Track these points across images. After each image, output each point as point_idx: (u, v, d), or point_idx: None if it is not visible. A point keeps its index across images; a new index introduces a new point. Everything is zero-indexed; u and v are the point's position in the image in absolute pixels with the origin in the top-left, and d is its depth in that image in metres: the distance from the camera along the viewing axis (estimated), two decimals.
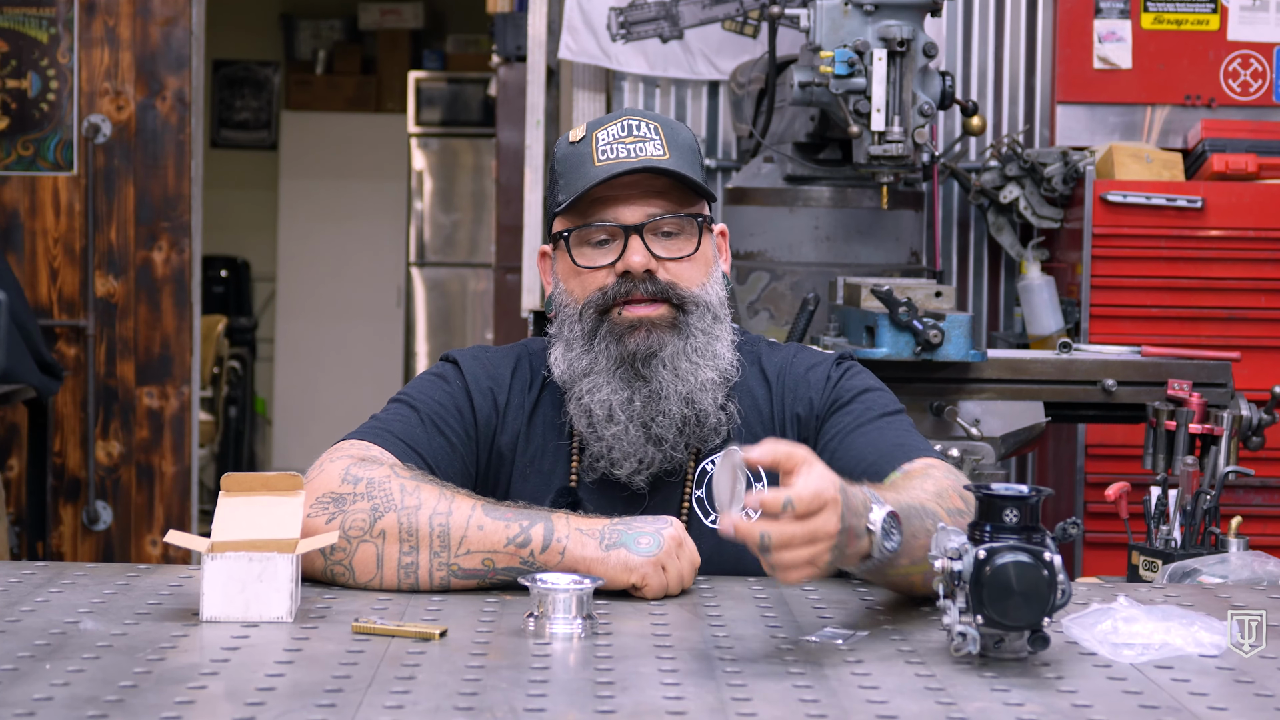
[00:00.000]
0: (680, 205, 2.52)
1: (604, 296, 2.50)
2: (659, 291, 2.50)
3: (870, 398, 2.55)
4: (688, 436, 2.52)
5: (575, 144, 2.54)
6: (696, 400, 2.50)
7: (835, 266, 4.66)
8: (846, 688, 1.84)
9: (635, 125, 2.52)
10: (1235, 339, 4.84)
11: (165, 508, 6.03)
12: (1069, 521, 2.11)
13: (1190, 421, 3.50)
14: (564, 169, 2.54)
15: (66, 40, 5.92)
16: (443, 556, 2.27)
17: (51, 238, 5.94)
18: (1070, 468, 5.13)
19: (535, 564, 2.24)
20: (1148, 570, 3.22)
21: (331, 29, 11.17)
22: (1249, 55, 5.30)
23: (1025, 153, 5.22)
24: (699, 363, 2.50)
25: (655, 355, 2.48)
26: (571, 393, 2.53)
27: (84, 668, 1.86)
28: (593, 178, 2.49)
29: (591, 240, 2.52)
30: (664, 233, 2.51)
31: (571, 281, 2.54)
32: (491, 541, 2.26)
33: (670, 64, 5.63)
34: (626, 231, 2.49)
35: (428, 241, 10.89)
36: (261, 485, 2.22)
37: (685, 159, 2.52)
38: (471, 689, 1.79)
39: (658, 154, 2.49)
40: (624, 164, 2.48)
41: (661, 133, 2.52)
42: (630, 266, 2.48)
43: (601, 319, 2.51)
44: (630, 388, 2.49)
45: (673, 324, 2.50)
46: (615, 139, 2.51)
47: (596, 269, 2.51)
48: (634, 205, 2.50)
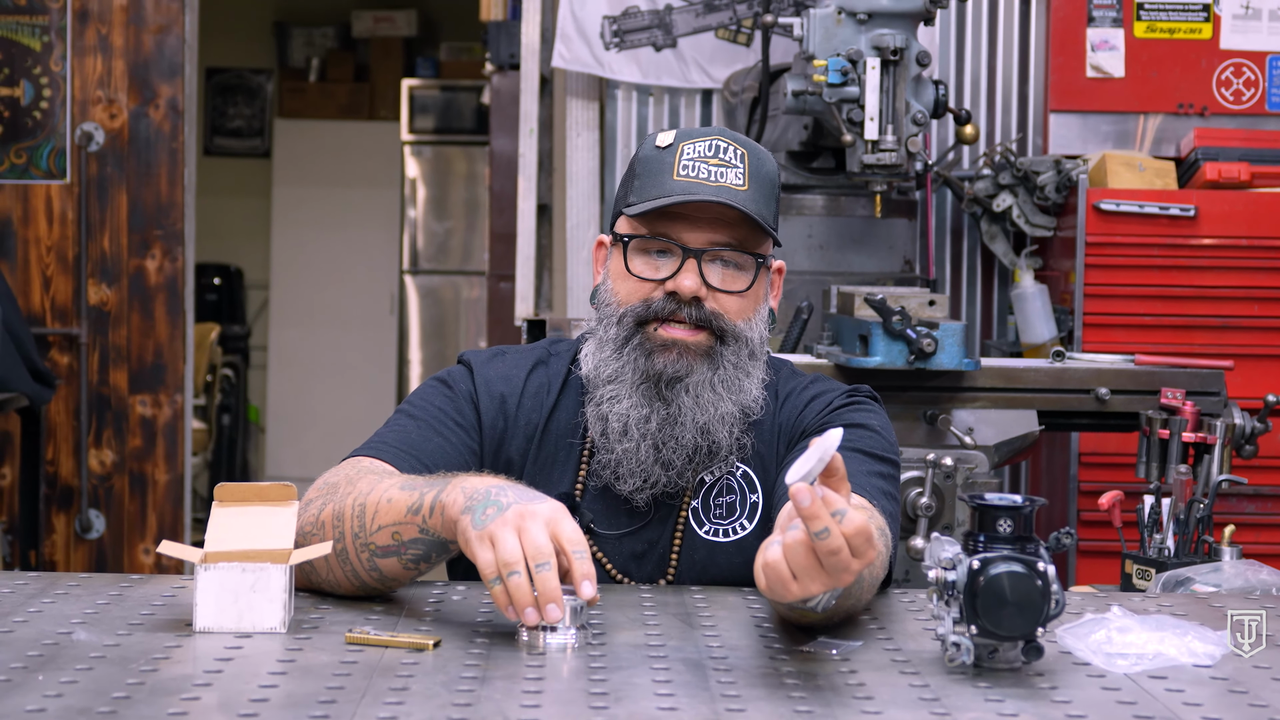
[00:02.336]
0: (745, 241, 2.49)
1: (646, 309, 2.49)
2: (702, 319, 2.48)
3: (859, 434, 2.49)
4: (696, 465, 2.51)
5: (661, 149, 2.51)
6: (712, 431, 2.48)
7: (829, 275, 4.66)
8: (841, 698, 1.84)
9: (723, 148, 2.49)
10: (1228, 347, 4.84)
11: (158, 516, 6.02)
12: (1063, 531, 2.11)
13: (1183, 430, 3.50)
14: (643, 170, 2.52)
15: (59, 48, 5.91)
16: (362, 537, 2.23)
17: (44, 246, 5.93)
18: (1064, 476, 5.13)
19: (428, 529, 2.17)
20: (1141, 579, 3.22)
21: (325, 36, 11.17)
22: (1241, 64, 5.31)
23: (1018, 161, 5.22)
24: (722, 394, 2.48)
25: (680, 380, 2.46)
26: (591, 395, 2.52)
27: (77, 678, 1.86)
28: (670, 191, 2.46)
29: (650, 250, 2.50)
30: (723, 262, 2.49)
31: (619, 283, 2.52)
32: (395, 513, 2.20)
33: (663, 72, 5.64)
34: (686, 253, 2.47)
35: (421, 249, 10.89)
36: (255, 496, 2.22)
37: (763, 192, 2.49)
38: (465, 699, 1.79)
39: (737, 183, 2.47)
40: (702, 187, 2.45)
41: (747, 161, 2.49)
42: (680, 289, 2.46)
43: (637, 330, 2.49)
44: (650, 406, 2.47)
45: (707, 352, 2.48)
46: (700, 156, 2.47)
47: (647, 280, 2.49)
48: (701, 230, 2.48)
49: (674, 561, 2.51)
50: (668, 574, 2.51)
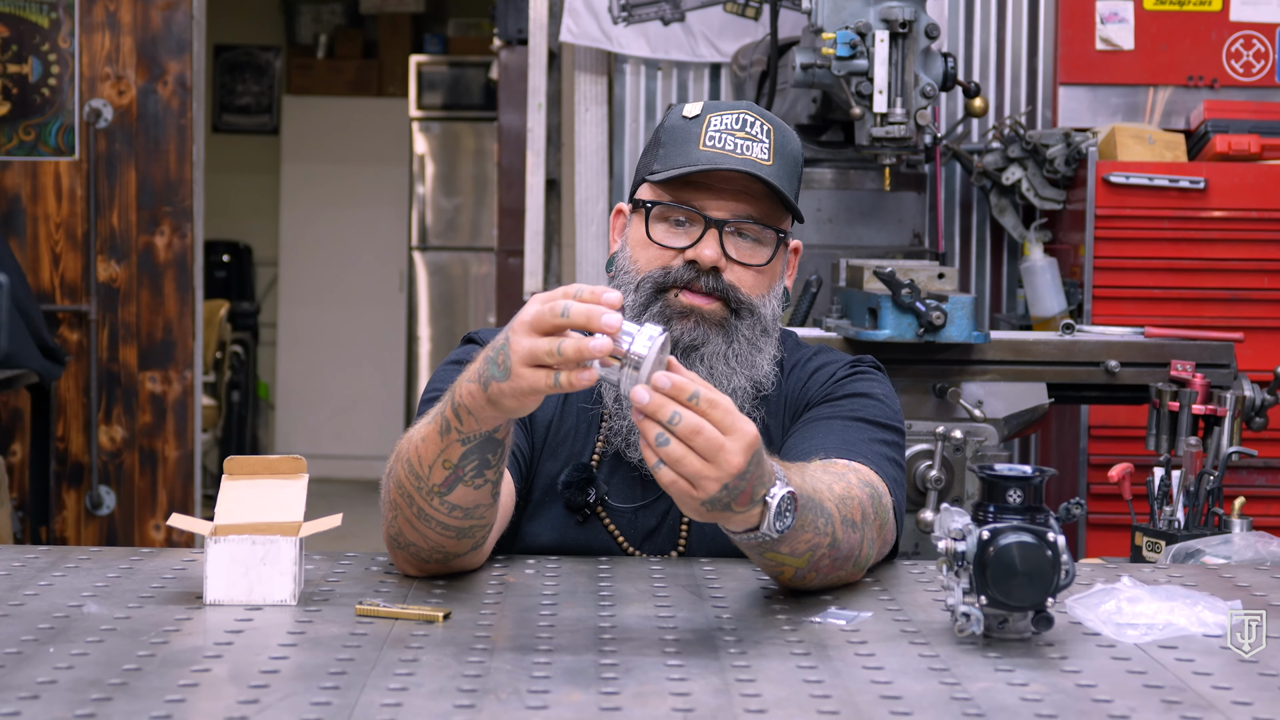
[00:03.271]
0: (767, 215, 2.50)
1: (665, 276, 2.49)
2: (719, 289, 2.48)
3: (862, 402, 2.50)
4: None
5: (688, 119, 2.51)
6: None
7: (838, 248, 4.66)
8: (851, 669, 1.84)
9: (750, 122, 2.50)
10: (1238, 320, 4.84)
11: (168, 492, 6.03)
12: (1072, 502, 2.11)
13: (1193, 402, 3.50)
14: (668, 139, 2.53)
15: (67, 25, 5.91)
16: (423, 487, 2.16)
17: (53, 223, 5.93)
18: (1073, 449, 5.13)
19: (465, 434, 2.09)
20: (1151, 551, 3.22)
21: (332, 13, 11.16)
22: (1251, 36, 5.30)
23: (1027, 134, 5.22)
24: (735, 368, 2.48)
25: (696, 349, 2.46)
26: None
27: (88, 651, 1.86)
28: (695, 161, 2.47)
29: (671, 218, 2.51)
30: (743, 235, 2.50)
31: (639, 250, 2.52)
32: (433, 445, 2.12)
33: (672, 46, 5.63)
34: (708, 223, 2.48)
35: (430, 225, 10.88)
36: (265, 468, 2.22)
37: (787, 170, 2.50)
38: (475, 671, 1.79)
39: (763, 158, 2.47)
40: (728, 158, 2.46)
41: (773, 136, 2.50)
42: (700, 259, 2.47)
43: (656, 297, 2.49)
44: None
45: (721, 323, 2.48)
46: (728, 129, 2.48)
47: (667, 248, 2.50)
48: (724, 201, 2.48)
49: (684, 533, 2.51)
50: (679, 545, 2.51)
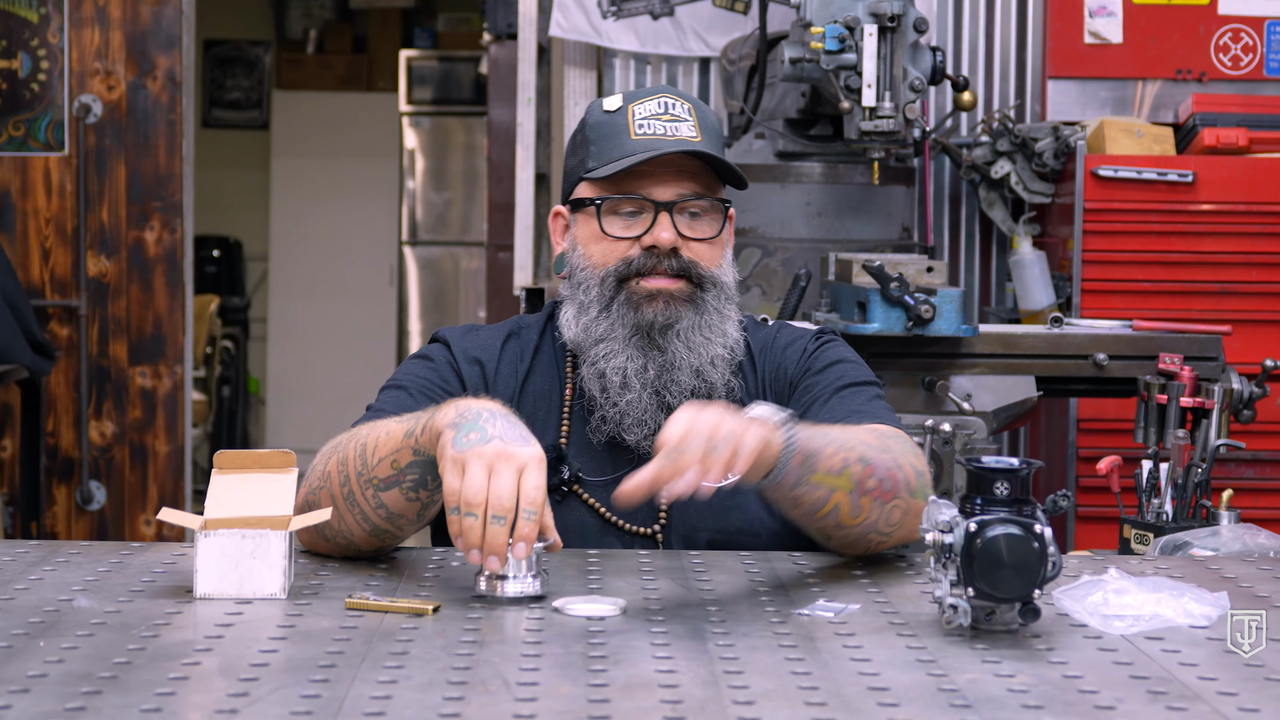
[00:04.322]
0: (709, 189, 2.58)
1: (627, 267, 2.55)
2: (681, 269, 2.55)
3: (841, 369, 2.60)
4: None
5: (610, 113, 2.59)
6: (706, 374, 2.55)
7: (827, 242, 4.66)
8: (838, 660, 1.85)
9: (671, 104, 2.58)
10: (1226, 313, 4.85)
11: (159, 487, 6.03)
12: (1059, 494, 2.12)
13: (1181, 395, 3.51)
14: (597, 136, 2.59)
15: (57, 20, 5.90)
16: (364, 474, 2.26)
17: (43, 218, 5.93)
18: (1062, 442, 5.14)
19: (420, 448, 2.20)
20: (1139, 543, 3.23)
21: (322, 8, 11.15)
22: (1239, 29, 5.30)
23: (1016, 128, 5.22)
24: (711, 338, 2.55)
25: (671, 326, 2.54)
26: (585, 357, 2.58)
27: (78, 645, 1.87)
28: (632, 151, 2.54)
29: (621, 210, 2.57)
30: (690, 213, 2.57)
31: (593, 247, 2.58)
32: (394, 442, 2.24)
33: (661, 41, 5.63)
34: (657, 208, 2.55)
35: (420, 220, 10.88)
36: (254, 462, 2.23)
37: (713, 143, 2.58)
38: (465, 663, 1.80)
39: (691, 135, 2.56)
40: (662, 141, 2.54)
41: (695, 114, 2.58)
42: (658, 242, 2.53)
43: (620, 287, 2.56)
44: (645, 356, 2.54)
45: (690, 299, 2.55)
46: (652, 115, 2.56)
47: (622, 239, 2.56)
48: (667, 184, 2.55)
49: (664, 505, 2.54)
50: (659, 518, 2.54)
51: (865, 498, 2.26)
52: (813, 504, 2.25)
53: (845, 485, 2.24)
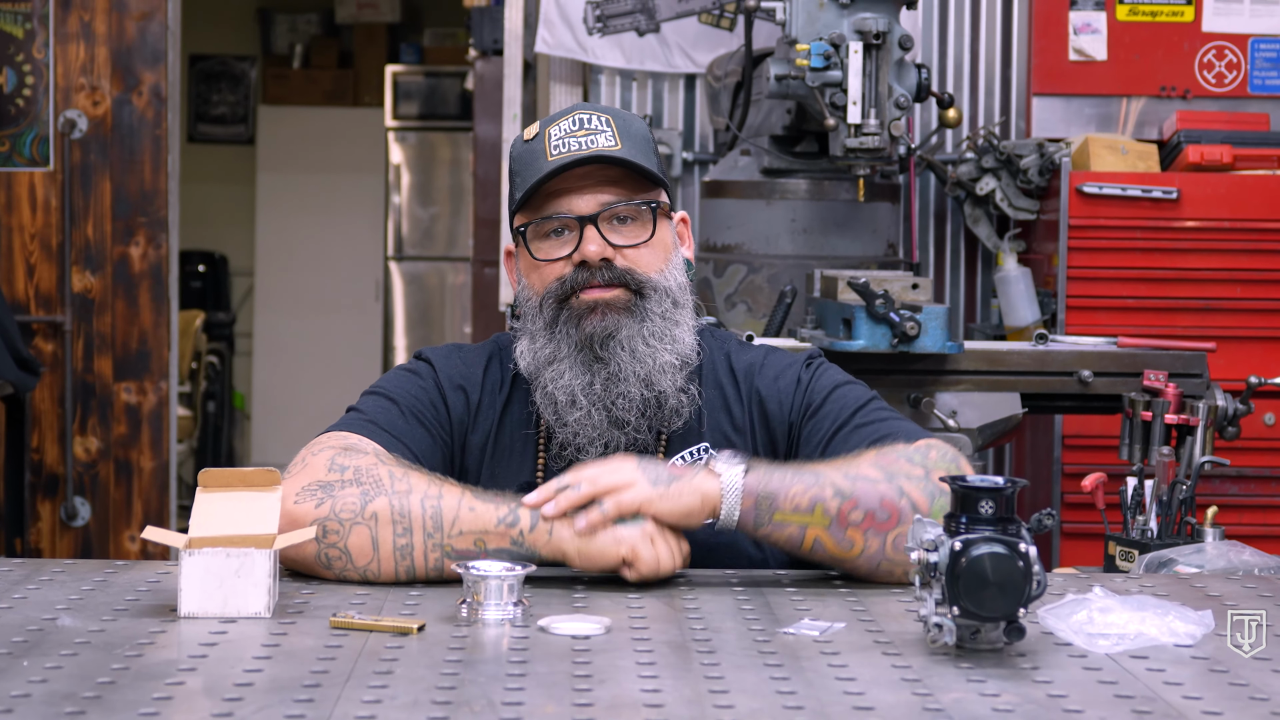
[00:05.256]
0: (634, 193, 2.55)
1: (562, 286, 2.53)
2: (615, 278, 2.52)
3: (841, 393, 2.57)
4: (649, 419, 2.54)
5: (529, 141, 2.57)
6: (655, 382, 2.52)
7: (812, 259, 4.67)
8: (823, 679, 1.85)
9: (586, 119, 2.55)
10: (1211, 329, 4.85)
11: (144, 503, 6.02)
12: (1044, 512, 2.12)
13: (1166, 412, 3.51)
14: (519, 167, 2.58)
15: (42, 35, 5.90)
16: (436, 538, 2.28)
17: (28, 233, 5.92)
18: (1047, 458, 5.14)
19: (524, 544, 2.26)
20: (1124, 560, 3.23)
21: (308, 23, 11.15)
22: (1224, 46, 5.32)
23: (1001, 144, 5.23)
24: (656, 346, 2.52)
25: (612, 337, 2.51)
26: (537, 383, 2.56)
27: (62, 664, 1.86)
28: (543, 170, 2.52)
29: (547, 232, 2.55)
30: (619, 219, 2.54)
31: (532, 275, 2.58)
32: (483, 522, 2.28)
33: (647, 57, 5.64)
34: (581, 222, 2.52)
35: (405, 235, 10.88)
36: (239, 481, 2.22)
37: (638, 148, 2.55)
38: (450, 683, 1.80)
39: (609, 145, 2.52)
40: (578, 156, 2.51)
41: (613, 124, 2.55)
42: (586, 256, 2.51)
43: (561, 307, 2.53)
44: (590, 371, 2.51)
45: (628, 307, 2.52)
46: (567, 133, 2.53)
47: (554, 261, 2.54)
48: (587, 195, 2.53)
49: None
50: None
51: (852, 530, 2.27)
52: (787, 540, 2.30)
53: (819, 521, 2.26)
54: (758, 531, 2.29)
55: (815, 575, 2.40)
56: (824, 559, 2.32)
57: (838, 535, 2.27)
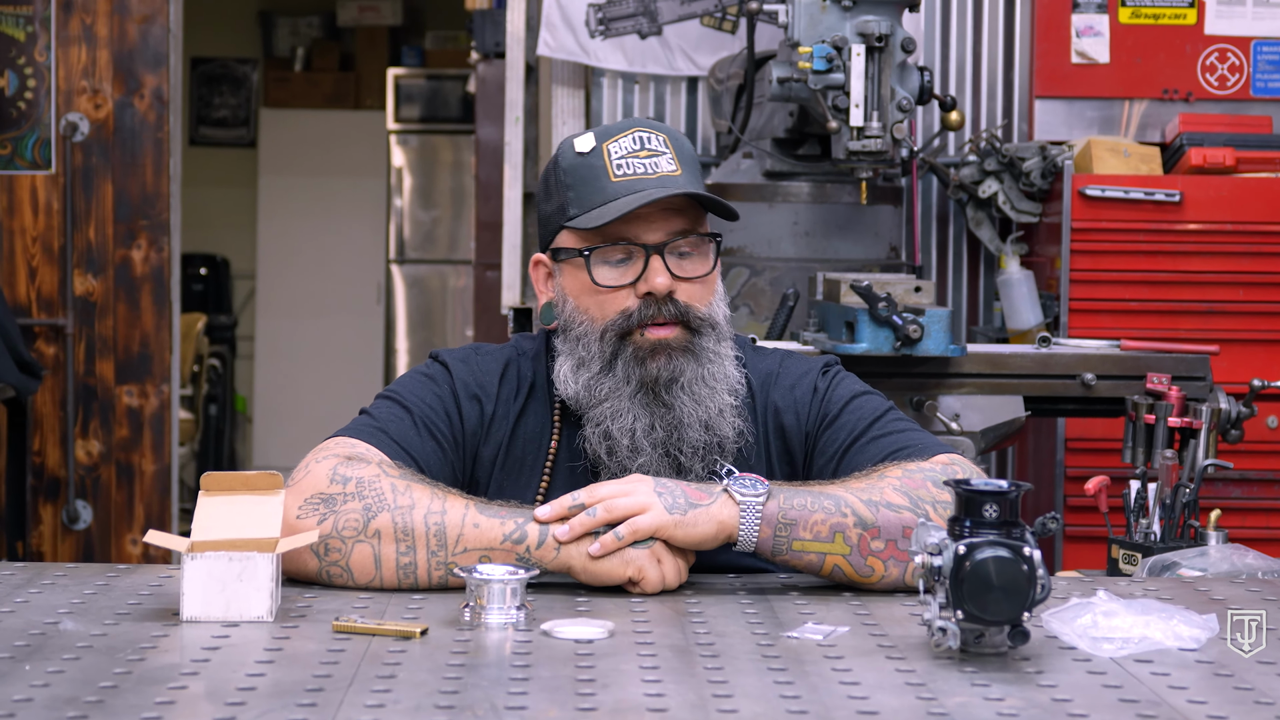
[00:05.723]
0: (696, 223, 2.50)
1: (627, 320, 2.47)
2: (678, 314, 2.47)
3: (859, 404, 2.54)
4: (708, 462, 2.49)
5: (584, 155, 2.49)
6: (716, 427, 2.48)
7: (815, 262, 4.66)
8: (827, 683, 1.84)
9: (646, 138, 2.48)
10: (1214, 332, 4.85)
11: (145, 506, 6.01)
12: (1048, 516, 2.11)
13: (1169, 415, 3.51)
14: (574, 180, 2.50)
15: (44, 38, 5.90)
16: (440, 555, 2.27)
17: (30, 236, 5.92)
18: (1050, 462, 5.14)
19: (530, 560, 2.25)
20: (1127, 563, 3.23)
21: (310, 26, 11.15)
22: (1226, 49, 5.32)
23: (1004, 147, 5.23)
24: (715, 387, 2.48)
25: (676, 381, 2.45)
26: (587, 417, 2.49)
27: (64, 668, 1.86)
28: (614, 194, 2.45)
29: (610, 259, 2.48)
30: (680, 252, 2.49)
31: (587, 299, 2.50)
32: (488, 539, 2.26)
33: (649, 60, 5.63)
34: (648, 251, 2.46)
35: (407, 238, 10.88)
36: (242, 484, 2.22)
37: (693, 172, 2.50)
38: (453, 687, 1.79)
39: (670, 169, 2.47)
40: (645, 181, 2.45)
41: (671, 146, 2.49)
42: (654, 289, 2.45)
43: (623, 342, 2.47)
44: (651, 414, 2.46)
45: (686, 347, 2.47)
46: (629, 153, 2.47)
47: (617, 289, 2.47)
48: (655, 224, 2.46)
49: None
50: None
51: (873, 559, 2.28)
52: (806, 566, 2.30)
53: (839, 549, 2.27)
54: (775, 559, 2.29)
55: (819, 580, 2.39)
56: (842, 581, 2.32)
57: (858, 563, 2.28)
